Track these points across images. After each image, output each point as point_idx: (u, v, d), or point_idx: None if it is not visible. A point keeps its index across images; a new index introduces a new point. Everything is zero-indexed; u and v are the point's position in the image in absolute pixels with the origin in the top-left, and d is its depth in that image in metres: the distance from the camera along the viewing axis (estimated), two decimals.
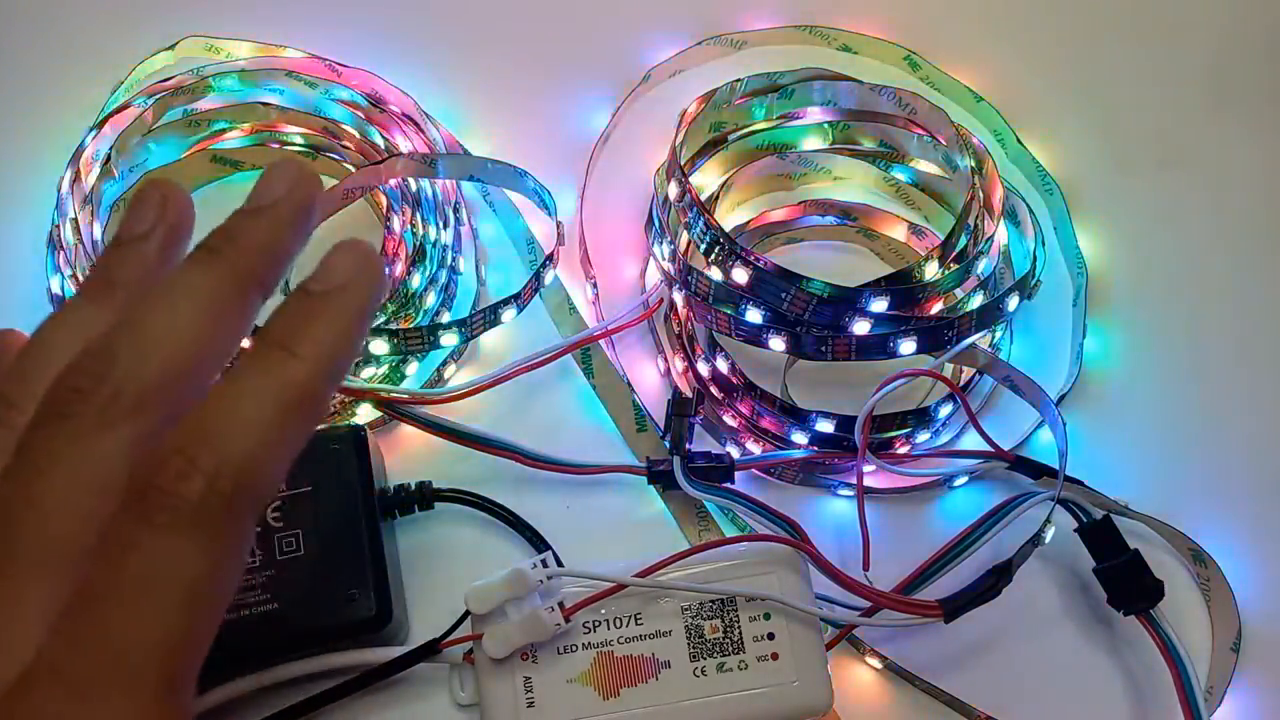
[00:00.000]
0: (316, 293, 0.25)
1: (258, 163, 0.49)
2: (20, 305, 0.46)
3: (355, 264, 0.26)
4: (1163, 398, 0.47)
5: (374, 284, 0.26)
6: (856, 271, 0.48)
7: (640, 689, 0.37)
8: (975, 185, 0.44)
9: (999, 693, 0.40)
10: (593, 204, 0.50)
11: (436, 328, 0.41)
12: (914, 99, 0.48)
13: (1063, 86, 0.54)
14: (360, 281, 0.26)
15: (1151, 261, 0.50)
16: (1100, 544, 0.40)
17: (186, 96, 0.47)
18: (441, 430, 0.41)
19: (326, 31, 0.52)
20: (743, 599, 0.38)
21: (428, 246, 0.45)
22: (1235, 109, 0.53)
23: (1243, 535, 0.43)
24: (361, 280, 0.26)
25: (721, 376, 0.44)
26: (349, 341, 0.25)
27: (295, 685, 0.37)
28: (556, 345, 0.43)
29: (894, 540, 0.43)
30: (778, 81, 0.49)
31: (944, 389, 0.43)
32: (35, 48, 0.53)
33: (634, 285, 0.49)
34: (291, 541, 0.37)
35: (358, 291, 0.26)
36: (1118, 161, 0.52)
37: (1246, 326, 0.48)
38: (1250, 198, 0.51)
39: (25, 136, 0.50)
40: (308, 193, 0.27)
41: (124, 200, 0.46)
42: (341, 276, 0.26)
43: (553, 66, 0.53)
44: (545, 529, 0.42)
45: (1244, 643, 0.41)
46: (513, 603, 0.37)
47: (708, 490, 0.41)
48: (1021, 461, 0.43)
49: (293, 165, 0.27)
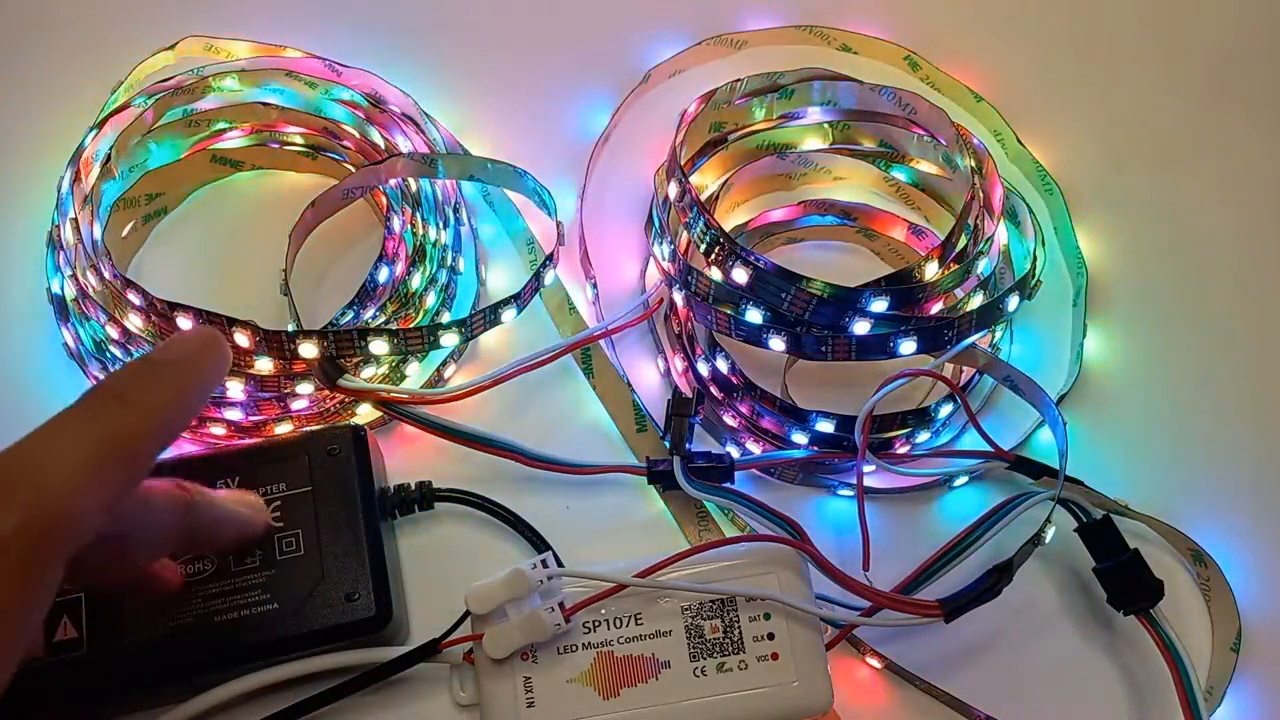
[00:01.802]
0: (158, 360, 0.28)
1: (258, 163, 0.49)
2: (20, 305, 0.46)
3: (201, 344, 0.29)
4: (1163, 398, 0.47)
5: (215, 363, 0.29)
6: (856, 271, 0.48)
7: (640, 689, 0.37)
8: (975, 185, 0.44)
9: (999, 693, 0.40)
10: (593, 204, 0.50)
11: (436, 328, 0.41)
12: (914, 99, 0.48)
13: (1063, 86, 0.54)
14: (203, 359, 0.29)
15: (1151, 261, 0.50)
16: (1100, 544, 0.40)
17: (186, 96, 0.47)
18: (441, 430, 0.41)
19: (326, 31, 0.52)
20: (743, 599, 0.38)
21: (428, 246, 0.45)
22: (1235, 109, 0.53)
23: (1243, 535, 0.43)
24: (204, 358, 0.29)
25: (721, 376, 0.44)
26: (181, 408, 0.28)
27: (295, 685, 0.37)
28: (556, 345, 0.43)
29: (894, 540, 0.43)
30: (778, 81, 0.49)
31: (944, 389, 0.43)
32: (35, 48, 0.53)
33: (634, 285, 0.49)
34: (291, 541, 0.37)
35: (198, 368, 0.29)
36: (1118, 161, 0.52)
37: (1247, 326, 0.48)
38: (1250, 197, 0.51)
39: (25, 136, 0.50)
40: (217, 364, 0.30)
41: (124, 200, 0.46)
42: (185, 351, 0.29)
43: (553, 66, 0.53)
44: (545, 529, 0.42)
45: (1244, 643, 0.41)
46: (513, 603, 0.37)
47: (708, 490, 0.41)
48: (1021, 461, 0.43)
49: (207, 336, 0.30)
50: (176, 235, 0.49)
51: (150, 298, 0.40)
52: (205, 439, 0.43)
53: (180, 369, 0.28)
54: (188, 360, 0.29)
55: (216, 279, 0.47)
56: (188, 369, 0.29)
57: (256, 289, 0.46)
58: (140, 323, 0.41)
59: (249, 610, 0.36)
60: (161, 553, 0.32)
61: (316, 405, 0.43)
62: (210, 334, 0.30)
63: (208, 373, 0.29)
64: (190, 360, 0.29)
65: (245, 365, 0.40)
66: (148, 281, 0.41)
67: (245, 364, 0.40)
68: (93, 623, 0.36)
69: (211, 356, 0.29)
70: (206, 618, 0.36)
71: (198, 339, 0.30)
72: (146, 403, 0.27)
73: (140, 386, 0.27)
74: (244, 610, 0.36)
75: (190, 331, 0.30)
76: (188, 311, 0.39)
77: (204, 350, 0.29)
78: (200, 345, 0.29)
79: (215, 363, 0.30)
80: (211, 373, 0.29)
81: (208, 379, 0.29)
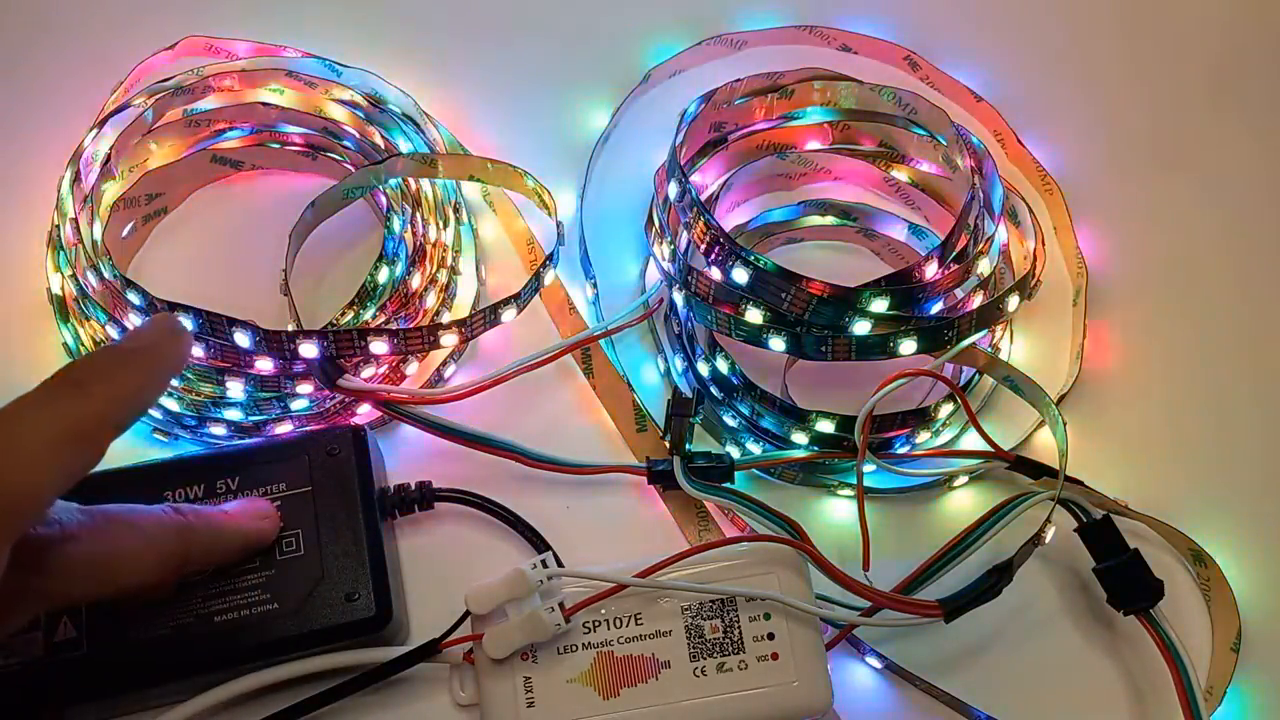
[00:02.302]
0: (118, 349, 0.30)
1: (258, 163, 0.49)
2: (20, 305, 0.46)
3: (164, 332, 0.31)
4: (1162, 398, 0.47)
5: (177, 351, 0.31)
6: (856, 271, 0.48)
7: (640, 689, 0.37)
8: (975, 185, 0.44)
9: (999, 693, 0.40)
10: (593, 204, 0.50)
11: (436, 328, 0.41)
12: (914, 99, 0.48)
13: (1063, 86, 0.54)
14: (165, 346, 0.30)
15: (1151, 261, 0.50)
16: (1100, 544, 0.40)
17: (186, 96, 0.47)
18: (441, 430, 0.41)
19: (326, 31, 0.52)
20: (743, 599, 0.38)
21: (428, 246, 0.45)
22: (1236, 109, 0.53)
23: (1243, 535, 0.43)
24: (166, 346, 0.30)
25: (721, 376, 0.44)
26: (141, 395, 0.29)
27: (295, 685, 0.37)
28: (556, 345, 0.43)
29: (894, 540, 0.43)
30: (778, 81, 0.49)
31: (944, 389, 0.43)
32: (35, 48, 0.53)
33: (634, 285, 0.49)
34: (291, 541, 0.37)
35: (160, 355, 0.30)
36: (1118, 161, 0.52)
37: (1246, 326, 0.48)
38: (1250, 198, 0.51)
39: (25, 136, 0.50)
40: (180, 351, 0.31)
41: (124, 200, 0.46)
42: (149, 339, 0.30)
43: (553, 66, 0.53)
44: (545, 529, 0.42)
45: (1244, 643, 0.41)
46: (513, 603, 0.37)
47: (708, 490, 0.41)
48: (1021, 461, 0.43)
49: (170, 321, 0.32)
50: (176, 235, 0.49)
51: (150, 298, 0.40)
52: (205, 439, 0.43)
53: (139, 356, 0.29)
54: (147, 348, 0.30)
55: (216, 279, 0.47)
56: (146, 357, 0.30)
57: (256, 289, 0.46)
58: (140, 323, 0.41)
59: (249, 610, 0.36)
60: (157, 576, 0.33)
61: (316, 405, 0.43)
62: (170, 322, 0.31)
63: (166, 360, 0.30)
64: (149, 349, 0.30)
65: (245, 365, 0.40)
66: (148, 281, 0.41)
67: (245, 364, 0.40)
68: (93, 623, 0.36)
69: (170, 344, 0.30)
70: (206, 617, 0.36)
71: (157, 328, 0.31)
72: (103, 389, 0.28)
73: (98, 373, 0.28)
74: (244, 610, 0.36)
75: (152, 320, 0.32)
76: (188, 311, 0.39)
77: (163, 339, 0.30)
78: (159, 334, 0.31)
79: (174, 351, 0.31)
80: (170, 360, 0.30)
81: (166, 366, 0.30)
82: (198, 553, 0.34)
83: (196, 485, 0.38)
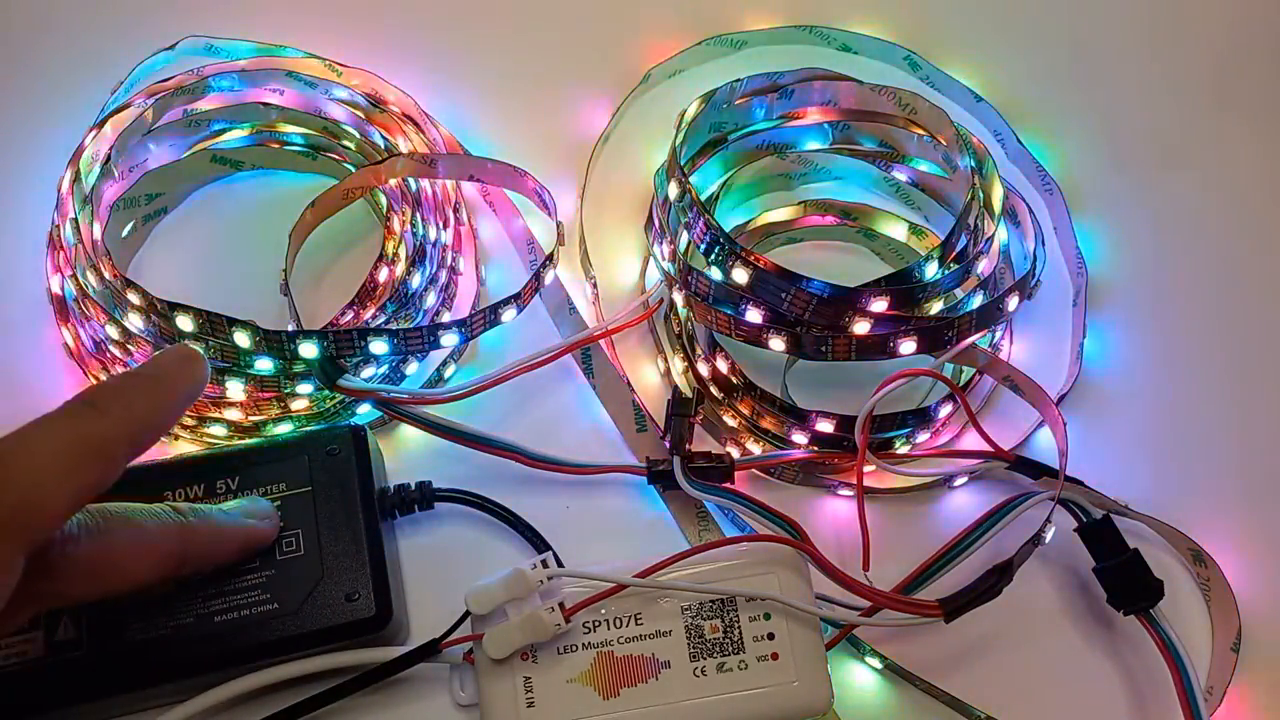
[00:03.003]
0: (137, 373, 0.32)
1: (258, 163, 0.49)
2: (20, 305, 0.46)
3: (182, 359, 0.32)
4: (1162, 398, 0.47)
5: (193, 377, 0.32)
6: (856, 271, 0.48)
7: (640, 689, 0.37)
8: (975, 185, 0.44)
9: (999, 693, 0.40)
10: (593, 204, 0.50)
11: (436, 328, 0.41)
12: (914, 99, 0.48)
13: (1063, 86, 0.54)
14: (182, 372, 0.32)
15: (1151, 261, 0.50)
16: (1100, 544, 0.40)
17: (186, 96, 0.47)
18: (441, 430, 0.41)
19: (326, 31, 0.52)
20: (743, 599, 0.38)
21: (428, 246, 0.45)
22: (1236, 109, 0.53)
23: (1243, 535, 0.43)
24: (184, 374, 0.32)
25: (721, 376, 0.44)
26: (157, 417, 0.31)
27: (295, 685, 0.37)
28: (556, 345, 0.43)
29: (894, 540, 0.43)
30: (778, 81, 0.49)
31: (944, 389, 0.43)
32: (35, 48, 0.53)
33: (634, 285, 0.49)
34: (291, 541, 0.37)
35: (177, 380, 0.32)
36: (1118, 161, 0.52)
37: (1246, 327, 0.48)
38: (1251, 198, 0.51)
39: (25, 136, 0.50)
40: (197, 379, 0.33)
41: (124, 200, 0.46)
42: (167, 365, 0.32)
43: (553, 66, 0.53)
44: (545, 529, 0.42)
45: (1244, 643, 0.41)
46: (513, 603, 0.37)
47: (708, 490, 0.41)
48: (1021, 461, 0.43)
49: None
50: (176, 235, 0.49)
51: (150, 298, 0.40)
52: (205, 439, 0.43)
53: (157, 382, 0.31)
54: (164, 375, 0.32)
55: (216, 279, 0.47)
56: (164, 382, 0.31)
57: (256, 289, 0.46)
58: (140, 323, 0.41)
59: (249, 610, 0.36)
60: (157, 576, 0.33)
61: (316, 405, 0.43)
62: (188, 351, 0.33)
63: (183, 386, 0.32)
64: (167, 375, 0.32)
65: (245, 365, 0.40)
66: (148, 281, 0.41)
67: (245, 364, 0.40)
68: (93, 623, 0.36)
69: (188, 372, 0.32)
70: (206, 617, 0.36)
71: (176, 355, 0.33)
72: (122, 411, 0.29)
73: (117, 395, 0.30)
74: (244, 610, 0.36)
75: (171, 348, 0.34)
76: (188, 311, 0.39)
77: (181, 365, 0.32)
78: (177, 361, 0.32)
79: (191, 378, 0.32)
80: (187, 386, 0.32)
81: (183, 392, 0.32)
82: (197, 553, 0.34)
83: (196, 485, 0.38)
